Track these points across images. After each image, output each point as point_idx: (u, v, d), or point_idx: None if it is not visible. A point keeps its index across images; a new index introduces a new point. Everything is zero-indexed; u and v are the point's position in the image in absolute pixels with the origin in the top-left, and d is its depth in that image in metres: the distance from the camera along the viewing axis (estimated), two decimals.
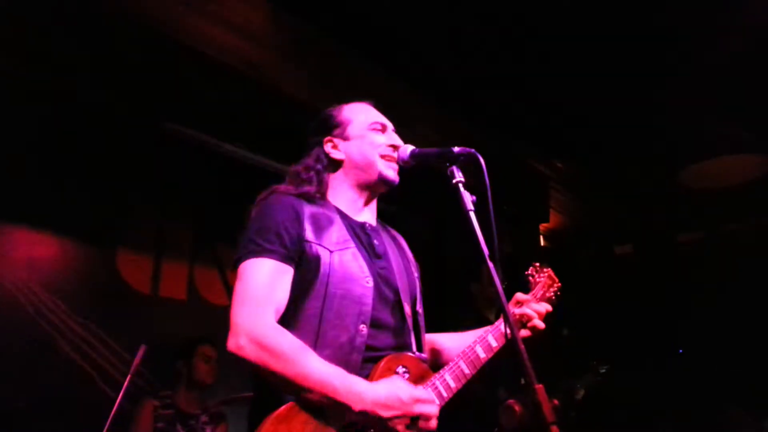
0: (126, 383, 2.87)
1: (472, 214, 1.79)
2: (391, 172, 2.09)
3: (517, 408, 1.56)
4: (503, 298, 1.67)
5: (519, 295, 2.19)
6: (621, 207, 6.73)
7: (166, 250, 4.47)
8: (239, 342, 1.68)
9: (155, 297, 4.33)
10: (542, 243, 6.54)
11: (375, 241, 2.04)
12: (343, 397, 1.64)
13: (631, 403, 6.00)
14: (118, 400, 2.82)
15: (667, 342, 6.64)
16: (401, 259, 2.11)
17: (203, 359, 3.77)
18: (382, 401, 1.66)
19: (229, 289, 4.46)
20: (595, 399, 4.20)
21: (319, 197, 2.03)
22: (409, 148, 2.09)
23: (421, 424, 1.71)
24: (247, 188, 2.12)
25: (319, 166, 2.09)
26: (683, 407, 5.91)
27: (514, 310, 2.12)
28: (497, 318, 2.14)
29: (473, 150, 1.87)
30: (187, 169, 4.46)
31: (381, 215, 2.23)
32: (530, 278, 2.33)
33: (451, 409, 1.87)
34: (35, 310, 3.77)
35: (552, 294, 2.32)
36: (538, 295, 2.28)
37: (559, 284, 2.35)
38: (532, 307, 2.12)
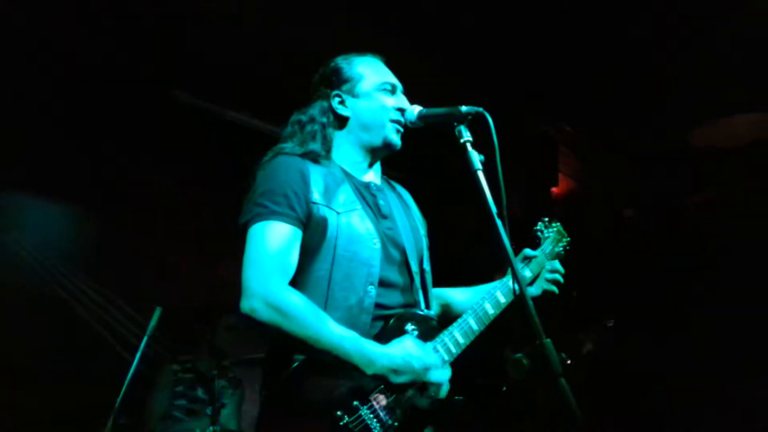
0: (142, 346, 2.92)
1: (481, 174, 1.79)
2: (396, 137, 2.08)
3: (525, 361, 1.58)
4: (511, 255, 1.68)
5: (527, 251, 2.21)
6: (630, 170, 6.69)
7: (177, 215, 4.51)
8: (253, 304, 1.70)
9: (167, 262, 4.37)
10: (553, 208, 6.52)
11: (380, 201, 2.05)
12: (355, 360, 1.69)
13: (635, 366, 6.04)
14: (135, 363, 2.88)
15: (674, 305, 6.64)
16: (407, 217, 2.12)
17: (226, 328, 3.82)
18: (394, 367, 1.71)
19: (238, 254, 4.46)
20: (600, 357, 4.24)
21: (323, 156, 2.00)
22: (417, 108, 2.07)
23: (432, 390, 1.77)
24: (254, 153, 2.11)
25: (324, 119, 2.06)
26: (685, 372, 5.93)
27: (523, 267, 2.15)
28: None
29: (481, 108, 1.85)
30: (197, 136, 4.46)
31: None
32: (539, 233, 2.32)
33: (458, 367, 1.91)
34: (52, 279, 3.84)
35: (561, 249, 2.31)
36: (547, 251, 2.26)
37: (568, 238, 2.34)
38: (542, 265, 2.16)
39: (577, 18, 4.32)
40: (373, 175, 2.12)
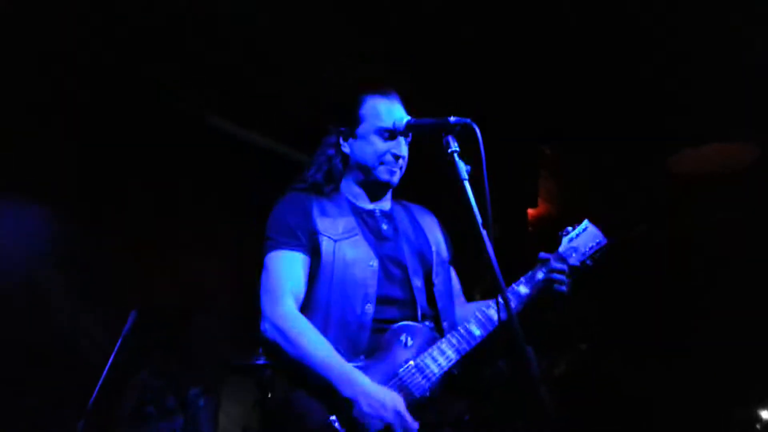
0: (117, 348, 2.89)
1: (467, 183, 1.83)
2: (389, 176, 2.17)
3: (504, 369, 1.60)
4: (495, 264, 1.70)
5: (543, 255, 2.21)
6: (608, 195, 6.79)
7: (155, 219, 4.46)
8: (264, 326, 1.93)
9: (141, 264, 4.31)
10: (529, 228, 6.58)
11: (383, 226, 2.18)
12: (335, 381, 1.82)
13: (609, 389, 6.08)
14: (108, 366, 2.84)
15: (651, 331, 6.72)
16: (416, 236, 2.23)
17: (198, 331, 3.79)
18: (369, 397, 1.80)
19: (216, 257, 4.49)
20: (574, 378, 4.26)
21: (329, 187, 2.21)
22: (405, 117, 2.12)
23: None
24: (240, 166, 2.21)
25: (331, 152, 2.24)
26: (667, 399, 5.98)
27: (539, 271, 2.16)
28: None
29: (469, 120, 1.89)
30: (177, 133, 4.42)
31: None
32: (562, 237, 2.24)
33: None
34: (23, 277, 3.77)
35: (591, 251, 2.19)
36: (565, 254, 2.20)
37: (604, 240, 2.23)
38: (555, 267, 2.15)
39: (560, 41, 4.40)
40: (379, 203, 2.24)
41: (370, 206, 2.22)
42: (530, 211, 6.54)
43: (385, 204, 2.27)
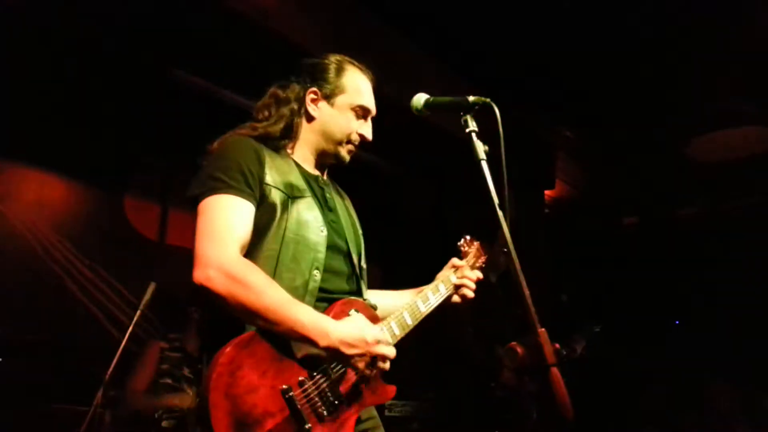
0: (135, 319, 2.91)
1: (484, 164, 1.80)
2: (346, 156, 2.14)
3: (519, 350, 1.59)
4: (512, 247, 1.69)
5: (455, 260, 2.34)
6: (626, 179, 6.73)
7: (172, 197, 4.50)
8: (208, 273, 1.70)
9: (162, 244, 4.38)
10: (545, 210, 6.55)
11: (327, 195, 2.11)
12: (310, 332, 1.70)
13: (623, 371, 6.09)
14: (126, 337, 2.88)
15: (665, 313, 6.70)
16: (348, 216, 2.20)
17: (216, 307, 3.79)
18: (348, 340, 1.74)
19: None
20: (592, 360, 4.29)
21: (282, 143, 2.06)
22: (424, 97, 2.06)
23: (380, 364, 1.82)
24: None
25: (293, 107, 2.09)
26: (675, 379, 5.99)
27: (449, 274, 2.30)
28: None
29: (488, 99, 1.86)
30: (193, 116, 4.44)
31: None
32: (462, 248, 2.44)
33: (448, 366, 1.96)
34: (44, 251, 3.83)
35: (480, 264, 2.44)
36: (470, 263, 2.39)
37: (485, 257, 2.47)
38: (466, 274, 2.30)
39: (580, 24, 4.34)
40: (320, 172, 2.17)
41: (314, 172, 2.13)
42: (547, 192, 6.51)
43: (325, 175, 2.19)
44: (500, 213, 1.73)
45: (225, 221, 1.78)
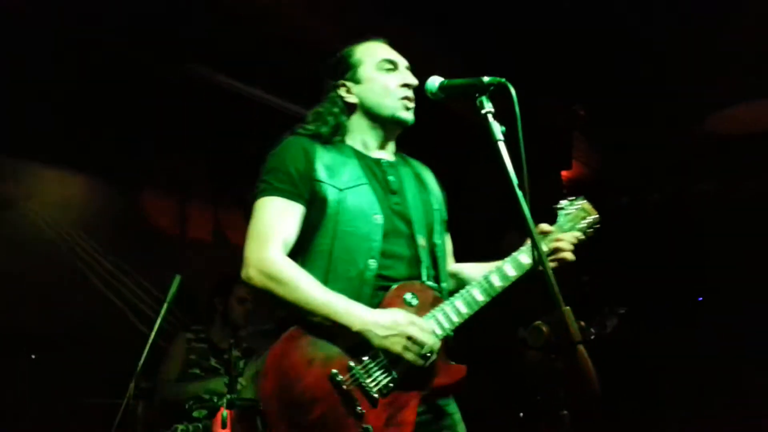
0: (162, 312, 2.95)
1: (501, 144, 1.78)
2: (407, 113, 2.12)
3: (544, 329, 1.59)
4: (531, 226, 1.69)
5: (543, 226, 2.15)
6: (644, 157, 6.66)
7: (190, 192, 4.55)
8: (249, 273, 1.83)
9: (182, 238, 4.43)
10: (563, 191, 6.51)
11: (390, 177, 2.09)
12: (343, 318, 1.77)
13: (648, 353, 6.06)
14: (155, 330, 2.92)
15: (687, 292, 6.64)
16: (419, 192, 2.15)
17: (238, 301, 3.83)
18: (380, 322, 1.78)
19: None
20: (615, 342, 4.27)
21: (336, 139, 2.10)
22: (438, 80, 2.04)
23: (418, 349, 1.77)
24: (268, 131, 2.17)
25: (336, 110, 2.13)
26: (703, 361, 5.95)
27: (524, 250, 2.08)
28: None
29: (503, 79, 1.84)
30: (211, 112, 4.48)
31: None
32: (558, 210, 2.23)
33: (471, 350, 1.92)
34: (68, 248, 3.89)
35: (586, 226, 2.21)
36: (565, 227, 2.19)
37: (596, 216, 2.23)
38: (561, 237, 2.10)
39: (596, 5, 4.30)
40: (385, 153, 2.17)
41: (376, 155, 2.14)
42: (564, 173, 6.47)
43: (391, 155, 2.19)
44: (520, 193, 1.73)
45: (267, 223, 1.88)
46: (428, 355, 1.80)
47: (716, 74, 5.00)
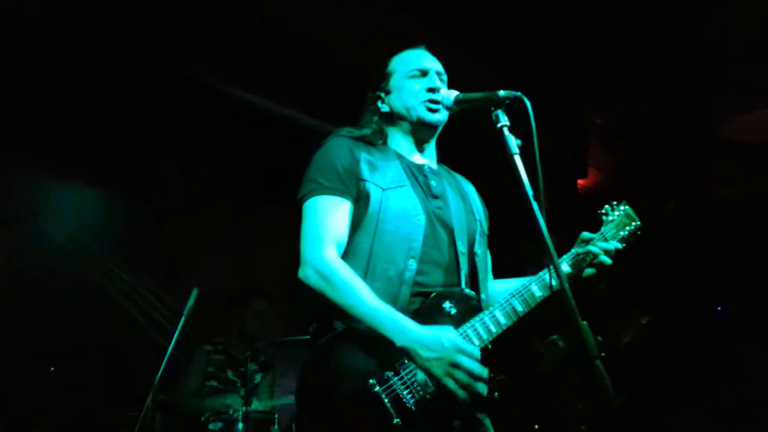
0: (180, 325, 2.97)
1: (518, 158, 1.78)
2: (431, 114, 2.13)
3: (560, 343, 1.58)
4: (547, 238, 1.68)
5: (585, 234, 2.15)
6: (661, 164, 6.60)
7: (208, 205, 4.57)
8: (306, 272, 1.86)
9: (200, 250, 4.44)
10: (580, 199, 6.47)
11: (432, 182, 2.11)
12: (388, 331, 1.75)
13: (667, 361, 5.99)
14: (173, 342, 2.93)
15: (704, 299, 6.56)
16: (462, 201, 2.16)
17: (254, 314, 3.83)
18: (424, 342, 1.74)
19: (267, 239, 4.56)
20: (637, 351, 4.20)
21: (379, 142, 2.14)
22: (453, 93, 2.07)
23: (460, 377, 1.72)
24: (285, 142, 2.19)
25: (375, 118, 2.20)
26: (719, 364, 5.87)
27: (578, 249, 2.10)
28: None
29: (519, 93, 1.84)
30: (229, 123, 4.51)
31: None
32: (603, 216, 2.23)
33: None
34: (87, 261, 3.93)
35: (628, 233, 2.20)
36: (608, 234, 2.18)
37: (639, 222, 2.23)
38: (598, 245, 2.09)
39: (610, 7, 4.28)
40: (427, 160, 2.21)
41: (419, 161, 2.16)
42: (580, 182, 6.43)
43: (433, 162, 2.22)
44: (536, 206, 1.72)
45: (321, 222, 1.91)
46: (468, 385, 1.74)
47: (733, 80, 4.95)
